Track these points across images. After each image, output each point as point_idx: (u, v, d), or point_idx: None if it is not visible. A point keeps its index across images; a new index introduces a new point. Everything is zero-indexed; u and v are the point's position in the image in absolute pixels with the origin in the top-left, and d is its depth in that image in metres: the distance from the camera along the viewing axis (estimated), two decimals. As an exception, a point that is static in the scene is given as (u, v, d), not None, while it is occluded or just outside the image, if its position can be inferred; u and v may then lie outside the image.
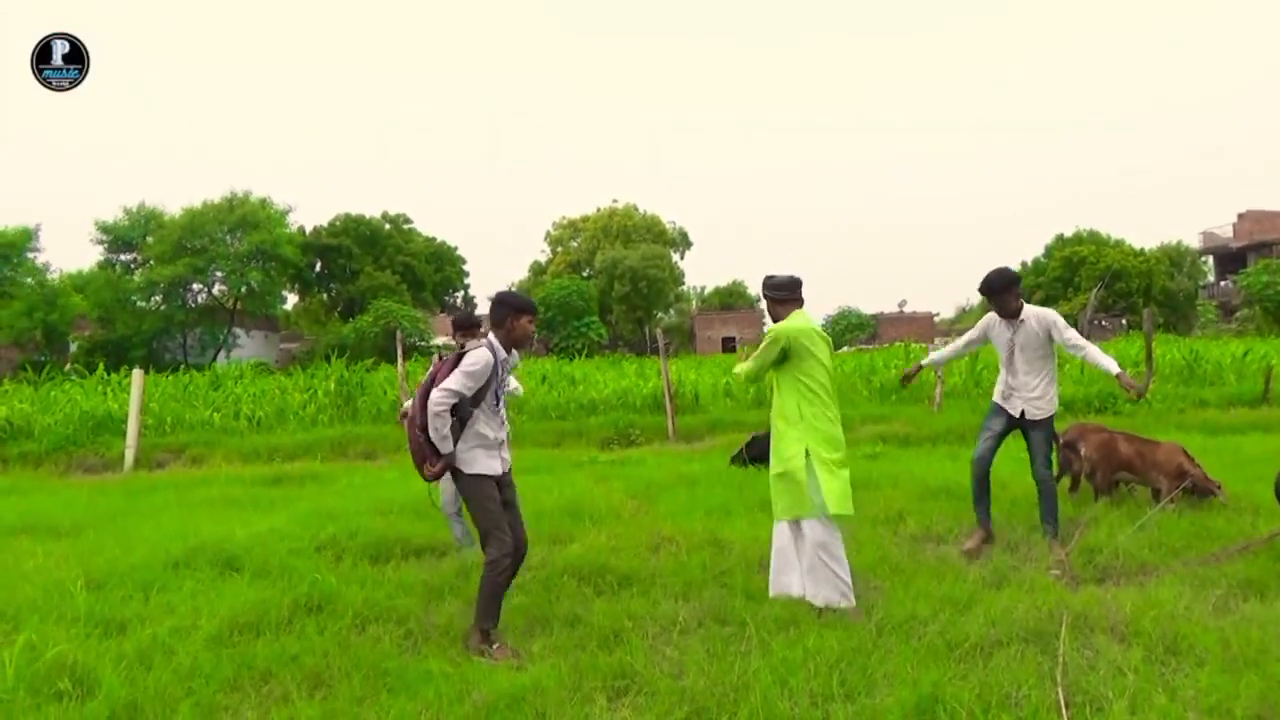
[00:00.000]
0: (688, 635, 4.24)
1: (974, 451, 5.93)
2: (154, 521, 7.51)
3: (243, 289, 39.62)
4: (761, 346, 4.90)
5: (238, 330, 40.98)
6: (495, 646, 4.15)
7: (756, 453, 9.63)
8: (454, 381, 4.15)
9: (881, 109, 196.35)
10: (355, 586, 4.99)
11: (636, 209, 58.71)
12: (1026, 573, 5.05)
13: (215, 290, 41.04)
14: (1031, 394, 5.71)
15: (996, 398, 5.93)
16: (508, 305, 4.39)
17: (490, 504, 4.30)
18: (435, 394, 4.12)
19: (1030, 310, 5.73)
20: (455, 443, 4.25)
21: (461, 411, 4.20)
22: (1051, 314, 5.72)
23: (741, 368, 5.09)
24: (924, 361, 6.41)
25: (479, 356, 4.21)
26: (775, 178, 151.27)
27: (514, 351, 4.57)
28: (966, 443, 11.09)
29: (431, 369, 4.46)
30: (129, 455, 13.00)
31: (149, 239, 39.37)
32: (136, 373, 13.93)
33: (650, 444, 13.54)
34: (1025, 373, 5.73)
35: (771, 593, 4.81)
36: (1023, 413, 5.73)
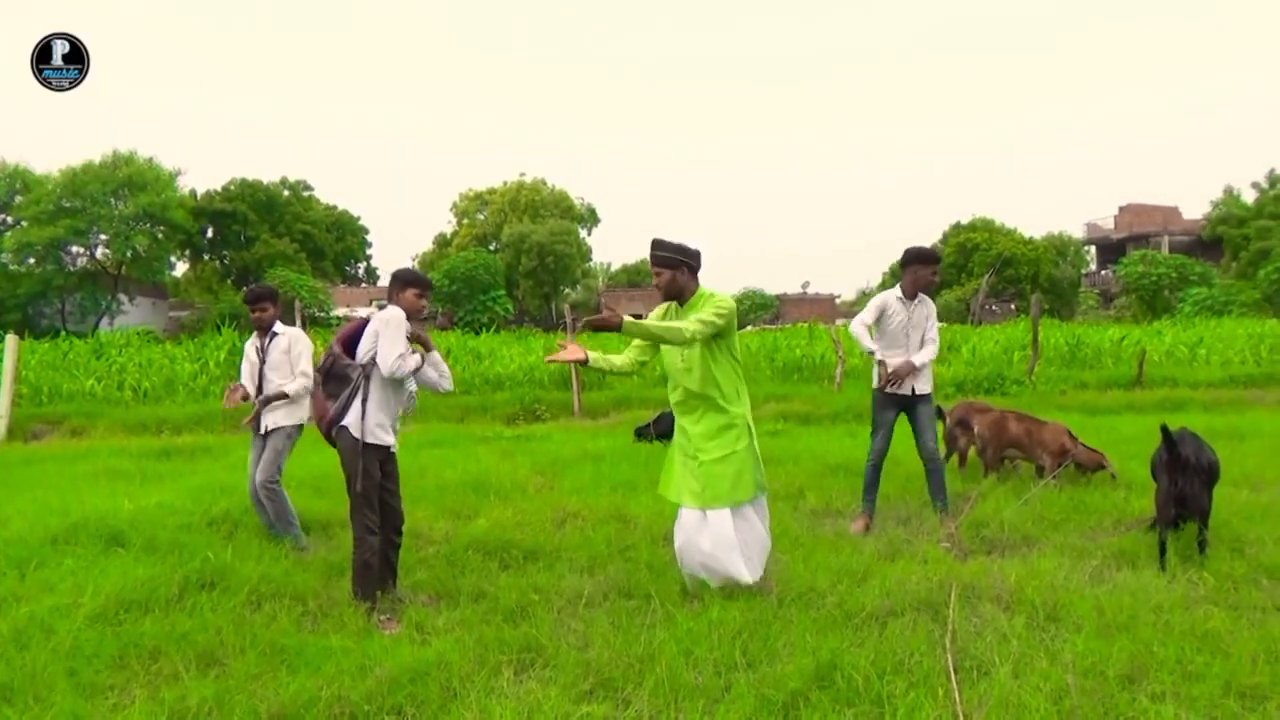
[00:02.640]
0: (593, 608, 4.27)
1: (872, 446, 5.96)
2: (30, 495, 7.09)
3: (128, 253, 37.59)
4: (711, 313, 4.30)
5: (122, 296, 38.86)
6: (383, 619, 4.17)
7: (663, 429, 9.72)
8: (394, 344, 4.23)
9: (790, 100, 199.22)
10: (250, 562, 4.82)
11: (545, 183, 58.13)
12: (919, 545, 5.26)
13: (98, 254, 38.84)
14: (921, 370, 5.92)
15: (888, 388, 5.89)
16: (396, 279, 4.53)
17: (369, 480, 4.31)
18: (394, 361, 4.18)
19: (922, 295, 6.02)
20: (348, 407, 4.30)
21: (350, 370, 4.30)
22: (931, 304, 6.09)
23: (690, 327, 4.18)
24: (878, 356, 5.95)
25: (393, 311, 4.32)
26: (684, 160, 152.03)
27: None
28: (864, 421, 11.36)
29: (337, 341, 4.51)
30: (1, 425, 12.27)
31: (18, 199, 36.94)
32: (10, 337, 13.12)
33: (556, 420, 13.52)
34: (916, 349, 5.93)
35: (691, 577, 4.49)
36: (913, 389, 5.93)
